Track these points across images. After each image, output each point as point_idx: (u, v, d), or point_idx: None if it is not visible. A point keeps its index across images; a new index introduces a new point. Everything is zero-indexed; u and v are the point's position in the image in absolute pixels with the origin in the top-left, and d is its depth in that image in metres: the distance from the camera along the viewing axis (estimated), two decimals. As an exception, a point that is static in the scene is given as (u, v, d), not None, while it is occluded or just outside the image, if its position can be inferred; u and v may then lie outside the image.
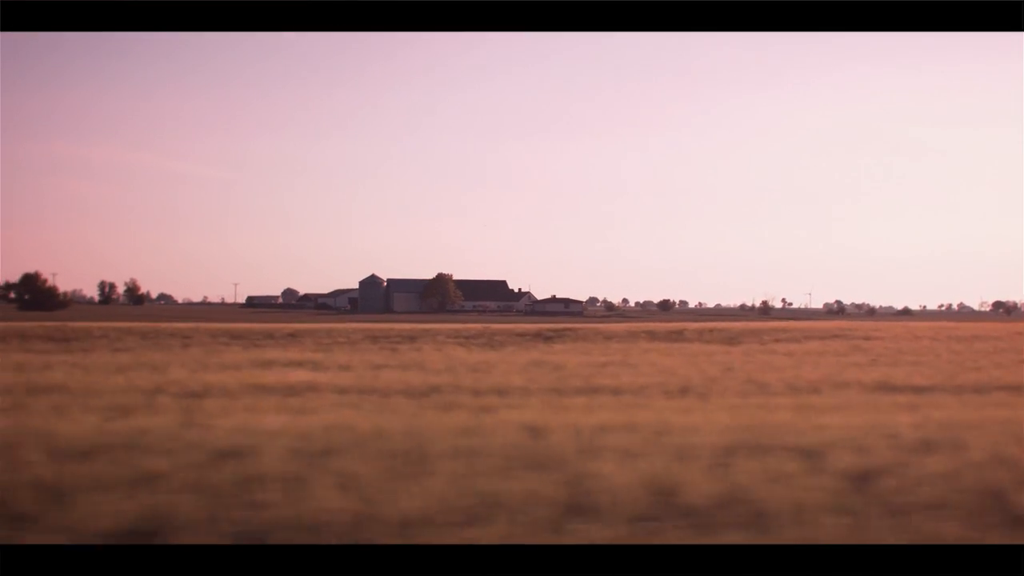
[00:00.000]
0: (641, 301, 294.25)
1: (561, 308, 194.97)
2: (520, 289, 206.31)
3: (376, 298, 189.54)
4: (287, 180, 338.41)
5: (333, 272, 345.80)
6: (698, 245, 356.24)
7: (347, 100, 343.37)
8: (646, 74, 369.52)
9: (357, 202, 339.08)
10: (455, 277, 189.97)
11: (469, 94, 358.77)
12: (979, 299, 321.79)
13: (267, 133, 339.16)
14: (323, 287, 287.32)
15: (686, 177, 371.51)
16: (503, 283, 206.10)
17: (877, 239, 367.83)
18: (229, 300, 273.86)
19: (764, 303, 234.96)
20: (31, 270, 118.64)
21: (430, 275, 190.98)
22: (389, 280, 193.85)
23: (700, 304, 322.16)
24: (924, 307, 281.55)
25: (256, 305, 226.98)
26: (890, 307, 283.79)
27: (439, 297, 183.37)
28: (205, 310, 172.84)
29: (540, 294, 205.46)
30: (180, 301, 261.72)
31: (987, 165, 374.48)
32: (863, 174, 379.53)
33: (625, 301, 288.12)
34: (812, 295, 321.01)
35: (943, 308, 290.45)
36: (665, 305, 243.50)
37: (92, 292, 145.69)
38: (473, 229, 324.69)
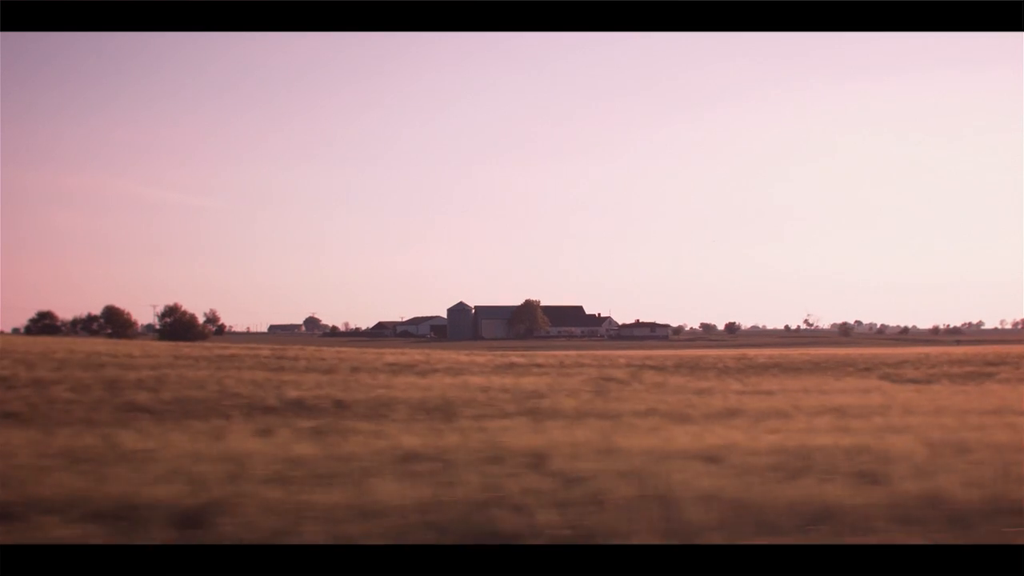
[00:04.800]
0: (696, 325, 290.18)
1: (647, 332, 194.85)
2: (599, 314, 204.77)
3: (465, 325, 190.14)
4: (308, 210, 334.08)
5: (361, 302, 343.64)
6: (726, 267, 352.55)
7: (371, 127, 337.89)
8: (674, 85, 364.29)
9: (392, 232, 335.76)
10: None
11: (497, 115, 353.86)
12: (999, 318, 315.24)
13: (277, 163, 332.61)
14: (351, 317, 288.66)
15: (693, 195, 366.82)
16: (580, 308, 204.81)
17: (871, 259, 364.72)
18: (254, 329, 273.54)
19: (844, 325, 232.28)
20: (172, 303, 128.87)
21: (507, 301, 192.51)
22: (477, 307, 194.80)
23: (764, 326, 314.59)
24: (938, 327, 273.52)
25: (329, 335, 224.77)
26: (896, 326, 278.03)
27: (527, 323, 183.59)
28: (303, 339, 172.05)
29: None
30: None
31: (985, 180, 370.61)
32: (864, 194, 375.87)
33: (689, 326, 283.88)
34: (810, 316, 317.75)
35: (947, 327, 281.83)
36: (732, 328, 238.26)
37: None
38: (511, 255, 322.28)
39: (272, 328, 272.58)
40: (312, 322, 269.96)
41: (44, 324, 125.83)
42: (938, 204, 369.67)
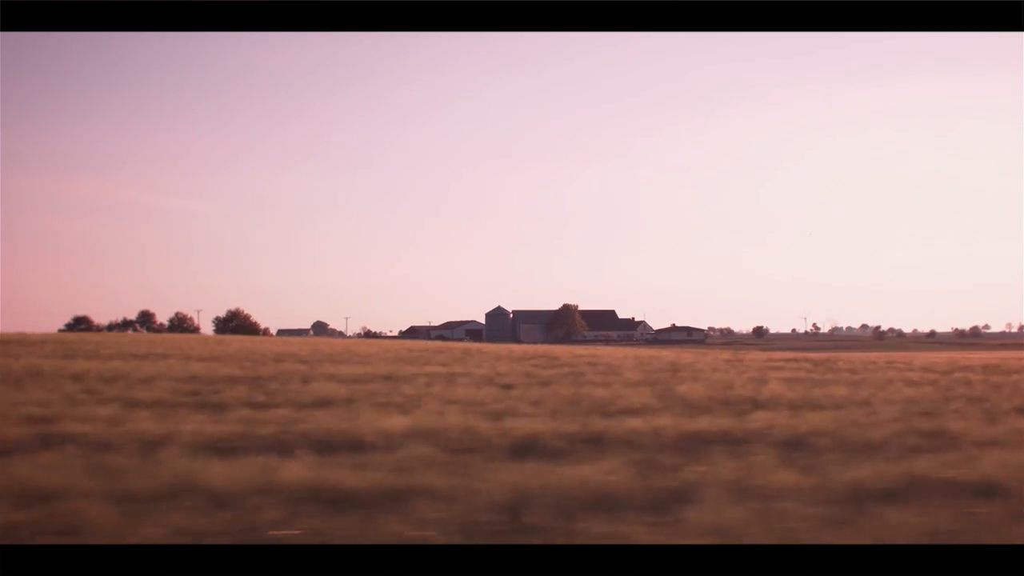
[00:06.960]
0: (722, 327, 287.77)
1: (684, 336, 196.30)
2: (634, 318, 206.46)
3: (503, 329, 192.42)
4: (317, 215, 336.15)
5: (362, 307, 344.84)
6: (749, 269, 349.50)
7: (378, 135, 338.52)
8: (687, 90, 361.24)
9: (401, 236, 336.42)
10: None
11: (513, 121, 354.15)
12: (1004, 322, 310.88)
13: (279, 169, 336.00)
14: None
15: (692, 200, 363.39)
16: (613, 312, 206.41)
17: (872, 263, 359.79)
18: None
19: (877, 328, 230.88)
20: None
21: (546, 306, 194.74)
22: (515, 311, 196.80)
23: (768, 329, 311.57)
24: (963, 331, 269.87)
25: (363, 338, 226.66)
26: (913, 330, 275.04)
27: (565, 327, 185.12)
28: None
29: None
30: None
31: (988, 183, 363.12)
32: (865, 197, 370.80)
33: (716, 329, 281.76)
34: (807, 319, 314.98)
35: (961, 331, 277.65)
36: (759, 332, 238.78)
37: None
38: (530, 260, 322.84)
39: (280, 332, 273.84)
40: (320, 326, 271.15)
41: (81, 328, 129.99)
42: (941, 207, 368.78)
